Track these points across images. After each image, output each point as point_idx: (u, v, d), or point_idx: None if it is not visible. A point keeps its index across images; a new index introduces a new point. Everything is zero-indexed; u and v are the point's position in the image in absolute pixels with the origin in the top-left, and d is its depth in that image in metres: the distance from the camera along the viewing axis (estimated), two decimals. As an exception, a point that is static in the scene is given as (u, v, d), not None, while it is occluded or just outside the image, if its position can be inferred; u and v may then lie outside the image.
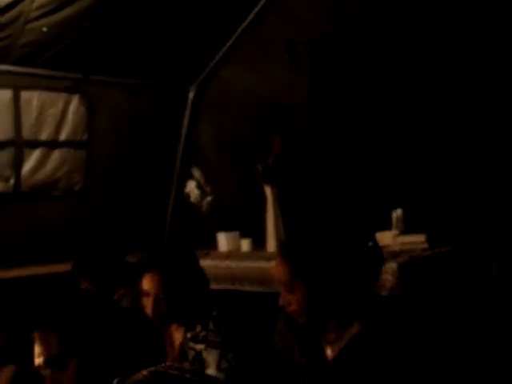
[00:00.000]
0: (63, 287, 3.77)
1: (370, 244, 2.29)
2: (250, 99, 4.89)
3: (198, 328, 2.73)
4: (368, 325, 2.20)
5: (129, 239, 4.69)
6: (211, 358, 2.62)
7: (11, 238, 4.56)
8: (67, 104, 4.65)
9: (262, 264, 3.95)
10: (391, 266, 3.38)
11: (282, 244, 3.55)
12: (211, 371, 2.54)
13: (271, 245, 4.27)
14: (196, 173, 4.81)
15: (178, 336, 2.84)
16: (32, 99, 4.48)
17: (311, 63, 4.66)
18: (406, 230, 4.05)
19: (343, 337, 2.24)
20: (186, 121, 5.26)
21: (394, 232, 3.98)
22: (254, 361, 2.69)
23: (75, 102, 4.69)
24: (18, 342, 3.56)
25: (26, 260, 4.51)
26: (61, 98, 4.62)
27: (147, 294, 2.75)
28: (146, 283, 2.75)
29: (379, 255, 2.37)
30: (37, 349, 1.65)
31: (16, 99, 4.41)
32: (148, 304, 2.74)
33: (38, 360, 1.63)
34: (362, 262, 2.24)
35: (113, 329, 1.70)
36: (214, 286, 3.57)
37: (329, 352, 2.29)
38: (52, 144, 4.65)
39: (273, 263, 2.55)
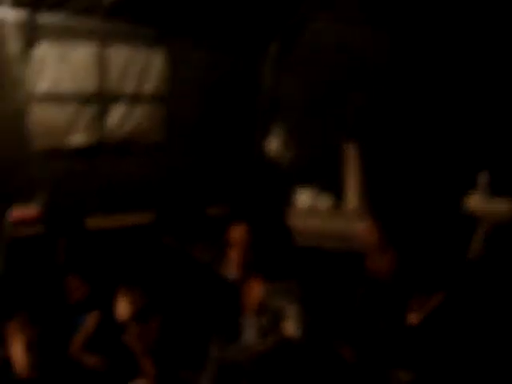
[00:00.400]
0: (144, 240, 3.86)
1: (461, 211, 2.22)
2: (335, 53, 4.76)
3: (279, 282, 2.73)
4: (452, 294, 2.14)
5: (208, 193, 4.73)
6: (290, 313, 2.63)
7: (96, 190, 4.71)
8: (150, 59, 4.71)
9: (343, 221, 3.91)
10: (478, 232, 3.27)
11: (373, 206, 3.48)
12: (289, 326, 2.56)
13: (351, 201, 4.22)
14: (277, 128, 4.77)
15: (257, 289, 2.85)
16: (117, 54, 4.57)
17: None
18: (492, 193, 3.90)
19: (428, 304, 2.19)
20: (267, 75, 5.21)
21: (480, 196, 3.82)
22: (332, 318, 2.69)
23: (158, 57, 4.74)
24: (102, 291, 3.70)
25: (110, 210, 4.64)
26: (144, 53, 4.68)
27: (234, 245, 2.76)
28: (234, 234, 2.76)
29: (470, 223, 2.29)
30: (121, 302, 1.68)
31: (102, 54, 4.51)
32: (234, 255, 2.75)
33: (122, 313, 1.67)
34: (453, 229, 2.17)
35: (193, 284, 1.72)
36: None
37: (413, 318, 2.25)
38: (135, 99, 4.74)
39: (354, 221, 2.51)
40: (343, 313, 2.65)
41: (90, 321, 3.64)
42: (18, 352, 2.56)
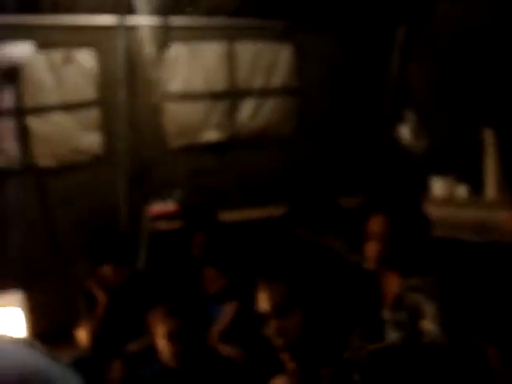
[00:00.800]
0: (278, 232, 3.89)
1: None
2: (467, 38, 4.55)
3: (416, 277, 2.65)
4: None
5: (340, 184, 4.70)
6: (429, 309, 2.54)
7: (230, 184, 4.83)
8: (278, 53, 4.75)
9: (482, 211, 3.74)
10: None
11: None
12: (428, 323, 2.47)
13: (491, 191, 4.03)
14: (409, 116, 4.65)
15: (394, 283, 2.78)
16: (245, 50, 4.64)
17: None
18: None
19: None
20: (396, 62, 5.07)
21: None
22: (473, 316, 2.57)
23: (286, 50, 4.77)
24: (239, 283, 3.77)
25: (243, 204, 4.73)
26: (272, 47, 4.72)
27: (372, 237, 2.70)
28: (373, 225, 2.69)
29: None
30: (262, 296, 1.68)
31: (230, 51, 4.60)
32: (372, 248, 2.69)
33: (263, 306, 1.67)
34: None
35: (333, 277, 1.69)
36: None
37: None
38: (264, 93, 4.79)
39: (495, 210, 2.37)
40: (486, 310, 2.53)
41: (228, 312, 3.76)
42: (161, 342, 2.66)
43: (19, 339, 2.10)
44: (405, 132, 4.68)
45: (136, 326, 3.39)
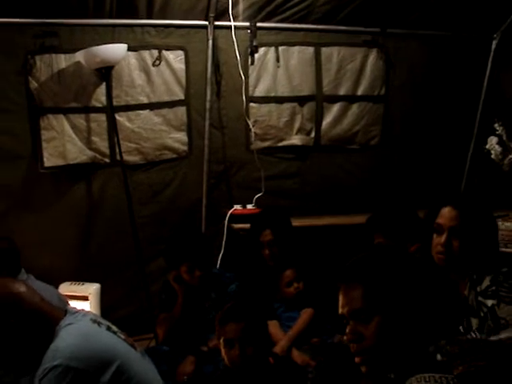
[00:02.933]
0: (356, 239, 3.86)
1: None
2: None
3: (487, 282, 2.56)
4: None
5: (422, 194, 4.61)
6: (505, 314, 2.44)
7: (311, 189, 4.84)
8: (365, 58, 4.72)
9: None
10: None
11: None
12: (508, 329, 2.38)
13: None
14: (499, 127, 4.49)
15: (461, 288, 2.71)
16: (332, 55, 4.64)
17: None
18: None
19: None
20: (487, 72, 4.93)
21: None
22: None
23: (373, 56, 4.73)
24: (314, 288, 3.76)
25: (323, 210, 4.72)
26: (359, 52, 4.69)
27: (440, 229, 2.63)
28: (442, 217, 2.62)
29: None
30: (341, 300, 1.68)
31: (317, 56, 4.62)
32: (439, 240, 2.62)
33: (342, 311, 1.67)
34: None
35: (415, 285, 1.66)
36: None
37: None
38: (350, 98, 4.77)
39: None
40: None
41: (303, 318, 3.75)
42: (221, 346, 2.69)
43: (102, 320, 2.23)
44: (494, 144, 4.52)
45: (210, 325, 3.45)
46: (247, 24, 4.34)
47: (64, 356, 1.97)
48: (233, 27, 4.28)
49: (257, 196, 4.55)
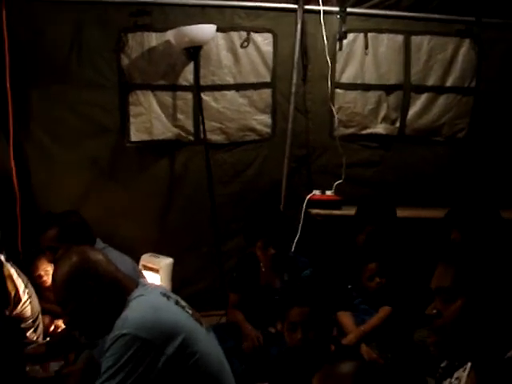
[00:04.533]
0: (434, 233, 3.79)
1: None
2: None
3: None
4: None
5: (508, 194, 4.47)
6: None
7: (391, 179, 4.78)
8: (457, 49, 4.59)
9: None
10: None
11: None
12: None
13: None
14: None
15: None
16: (422, 44, 4.55)
17: None
18: None
19: None
20: None
21: None
22: None
23: (465, 46, 4.59)
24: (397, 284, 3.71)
25: (403, 201, 4.65)
26: (451, 42, 4.57)
27: None
28: None
29: None
30: (434, 275, 1.69)
31: (406, 44, 4.54)
32: None
33: (431, 284, 1.68)
34: None
35: (506, 277, 1.65)
36: None
37: None
38: (438, 89, 4.66)
39: None
40: None
41: (380, 315, 3.68)
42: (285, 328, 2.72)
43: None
44: None
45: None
46: (337, 9, 4.33)
47: (133, 325, 2.06)
48: (322, 12, 4.27)
49: (337, 183, 4.53)
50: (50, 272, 3.56)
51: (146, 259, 4.26)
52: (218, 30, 4.09)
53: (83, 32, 4.08)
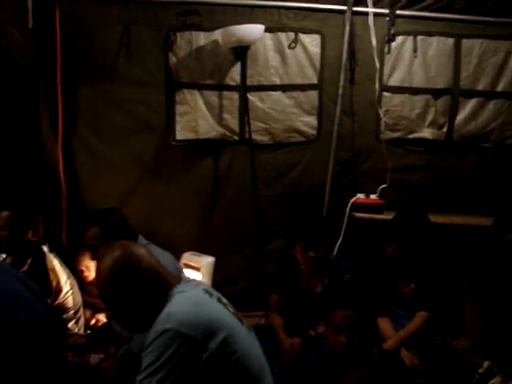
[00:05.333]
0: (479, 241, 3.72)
1: None
2: None
3: None
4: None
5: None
6: None
7: (440, 185, 4.70)
8: (509, 52, 4.49)
9: None
10: None
11: None
12: None
13: None
14: None
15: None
16: (473, 47, 4.47)
17: None
18: None
19: None
20: None
21: None
22: None
23: (516, 51, 4.48)
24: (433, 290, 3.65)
25: (448, 207, 4.57)
26: (503, 46, 4.48)
27: None
28: None
29: None
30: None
31: (457, 48, 4.46)
32: None
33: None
34: None
35: None
36: None
37: None
38: (489, 94, 4.57)
39: None
40: None
41: (417, 320, 3.61)
42: (329, 331, 2.69)
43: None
44: None
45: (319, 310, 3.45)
46: (386, 11, 4.27)
47: (176, 321, 2.05)
48: (371, 14, 4.23)
49: (381, 187, 4.47)
50: (92, 268, 3.63)
51: (188, 257, 4.28)
52: (265, 30, 4.08)
53: (132, 31, 4.13)
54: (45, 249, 3.45)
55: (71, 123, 4.21)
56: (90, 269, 3.72)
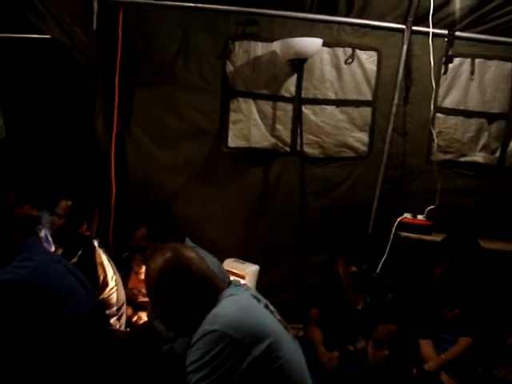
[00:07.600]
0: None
1: None
2: None
3: None
4: None
5: None
6: None
7: (489, 210, 4.64)
8: None
9: None
10: None
11: None
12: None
13: None
14: None
15: None
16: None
17: None
18: None
19: None
20: None
21: None
22: None
23: None
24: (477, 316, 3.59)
25: (496, 234, 4.50)
26: None
27: None
28: None
29: None
30: None
31: (514, 72, 4.40)
32: None
33: None
34: None
35: None
36: None
37: None
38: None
39: None
40: None
41: (461, 345, 3.53)
42: (370, 345, 2.68)
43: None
44: None
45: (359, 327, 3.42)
46: (445, 32, 4.26)
47: (223, 322, 2.07)
48: (431, 34, 4.22)
49: (429, 208, 4.44)
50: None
51: (230, 264, 4.29)
52: (323, 44, 4.10)
53: (191, 37, 4.21)
54: (95, 243, 3.51)
55: (125, 124, 4.30)
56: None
